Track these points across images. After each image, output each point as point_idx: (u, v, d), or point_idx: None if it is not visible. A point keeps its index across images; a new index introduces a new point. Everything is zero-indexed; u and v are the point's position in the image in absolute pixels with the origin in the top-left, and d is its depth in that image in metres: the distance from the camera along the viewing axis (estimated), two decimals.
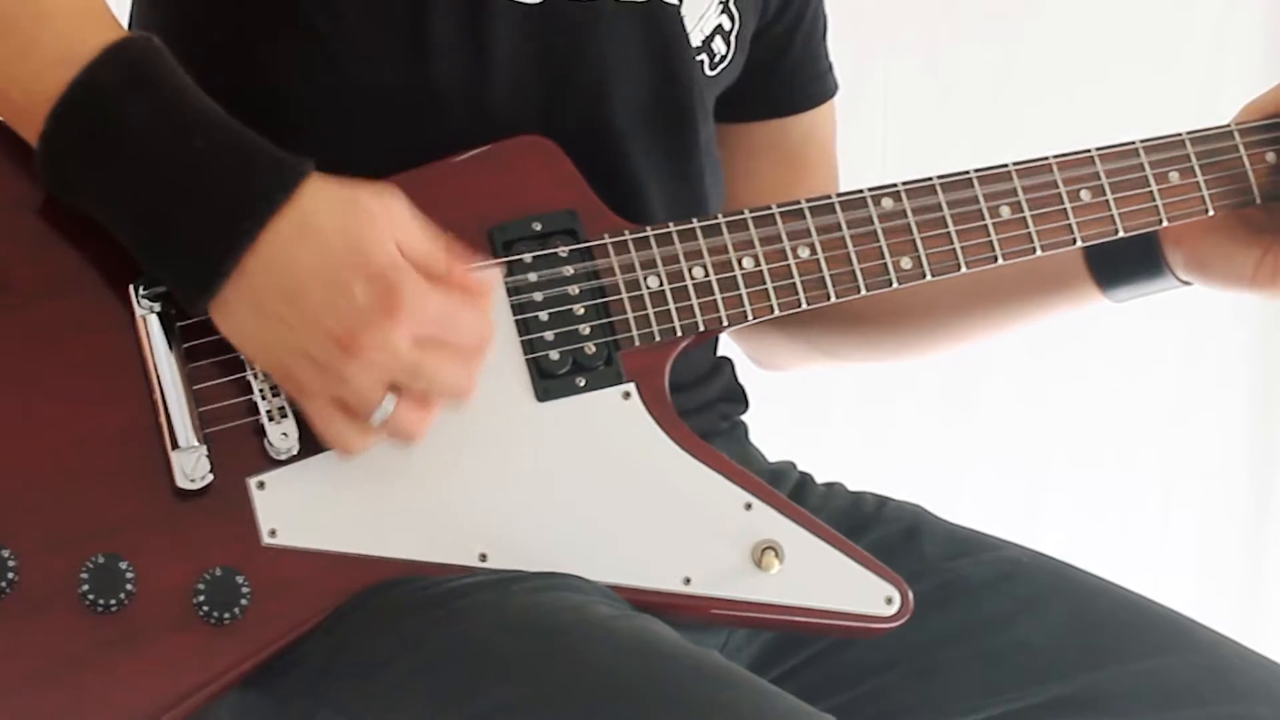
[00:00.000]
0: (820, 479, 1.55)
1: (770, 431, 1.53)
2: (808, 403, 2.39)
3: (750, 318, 1.33)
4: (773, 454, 1.53)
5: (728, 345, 1.57)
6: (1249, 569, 2.97)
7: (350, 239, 1.17)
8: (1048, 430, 2.80)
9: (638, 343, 1.31)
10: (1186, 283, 1.50)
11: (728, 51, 1.48)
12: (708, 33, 1.45)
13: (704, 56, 1.46)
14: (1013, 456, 2.79)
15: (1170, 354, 2.83)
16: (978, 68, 2.70)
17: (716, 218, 1.34)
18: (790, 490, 1.50)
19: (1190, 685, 1.37)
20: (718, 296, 1.33)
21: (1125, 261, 1.49)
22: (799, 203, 1.35)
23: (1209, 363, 2.88)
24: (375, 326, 1.16)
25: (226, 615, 1.21)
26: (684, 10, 1.42)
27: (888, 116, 2.64)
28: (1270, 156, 1.44)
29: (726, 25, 1.47)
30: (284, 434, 1.24)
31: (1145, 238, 1.46)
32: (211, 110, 1.20)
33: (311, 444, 1.24)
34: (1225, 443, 2.94)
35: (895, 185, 1.37)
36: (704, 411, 1.44)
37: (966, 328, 1.60)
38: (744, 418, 1.53)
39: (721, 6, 1.46)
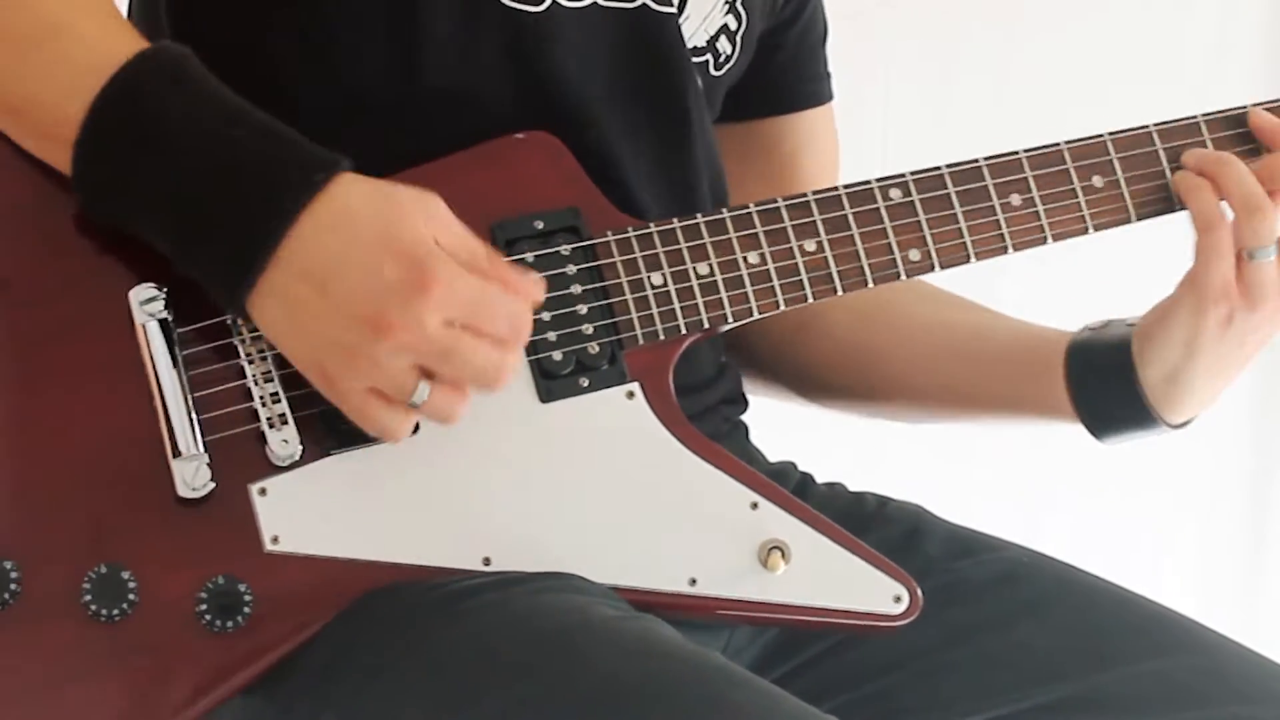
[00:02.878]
0: (821, 479, 1.54)
1: (771, 431, 1.52)
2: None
3: (755, 313, 1.32)
4: (773, 454, 1.52)
5: None
6: (1249, 569, 2.96)
7: (382, 223, 1.16)
8: (1049, 429, 2.77)
9: (641, 341, 1.30)
10: (1182, 424, 1.45)
11: (733, 51, 1.46)
12: (713, 32, 1.44)
13: (709, 56, 1.44)
14: (1014, 456, 2.77)
15: None
16: (978, 69, 2.68)
17: (721, 213, 1.33)
18: (791, 490, 1.48)
19: (1192, 686, 1.36)
20: (722, 294, 1.31)
21: (1114, 416, 1.44)
22: (805, 196, 1.34)
23: None
24: (405, 304, 1.15)
25: (229, 623, 1.21)
26: (689, 10, 1.41)
27: (888, 119, 2.63)
28: None
29: (732, 25, 1.45)
30: (285, 440, 1.23)
31: (1129, 384, 1.42)
32: (247, 107, 1.20)
33: (313, 450, 1.24)
34: (1227, 444, 2.92)
35: (904, 175, 1.36)
36: (708, 415, 1.43)
37: (936, 417, 1.58)
38: (744, 418, 1.52)
39: (727, 6, 1.44)
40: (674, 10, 1.39)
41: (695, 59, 1.43)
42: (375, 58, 1.32)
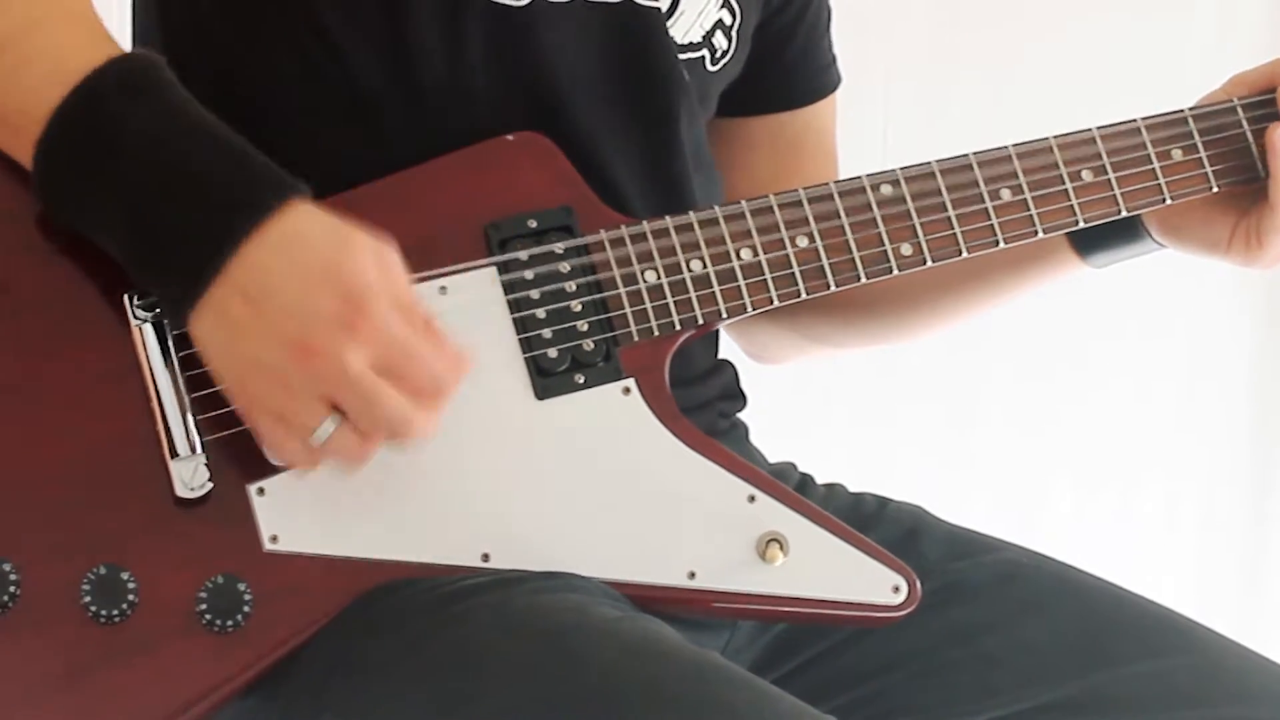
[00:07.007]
0: (820, 480, 1.54)
1: (770, 432, 1.53)
2: (808, 403, 2.38)
3: (750, 309, 1.33)
4: (773, 454, 1.52)
5: (728, 348, 1.56)
6: (1249, 570, 2.96)
7: (331, 251, 1.16)
8: (1049, 430, 2.79)
9: (636, 338, 1.31)
10: (1162, 245, 1.49)
11: (729, 46, 1.46)
12: (708, 28, 1.44)
13: (705, 52, 1.44)
14: (1014, 456, 2.78)
15: (1172, 352, 2.81)
16: (978, 68, 2.68)
17: (713, 210, 1.33)
18: None
19: (1191, 687, 1.36)
20: (716, 289, 1.32)
21: (1103, 228, 1.45)
22: (796, 192, 1.34)
23: (1211, 366, 2.87)
24: (331, 337, 1.14)
25: (229, 623, 1.22)
26: (683, 5, 1.41)
27: (888, 117, 2.63)
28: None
29: (727, 20, 1.46)
30: None
31: (1130, 221, 1.44)
32: (211, 122, 1.20)
33: None
34: (1226, 446, 2.93)
35: (894, 171, 1.36)
36: (703, 410, 1.44)
37: (951, 309, 1.58)
38: (744, 417, 1.52)
39: (721, 1, 1.45)
40: (658, 5, 1.40)
41: (691, 54, 1.43)
42: (365, 57, 1.32)
